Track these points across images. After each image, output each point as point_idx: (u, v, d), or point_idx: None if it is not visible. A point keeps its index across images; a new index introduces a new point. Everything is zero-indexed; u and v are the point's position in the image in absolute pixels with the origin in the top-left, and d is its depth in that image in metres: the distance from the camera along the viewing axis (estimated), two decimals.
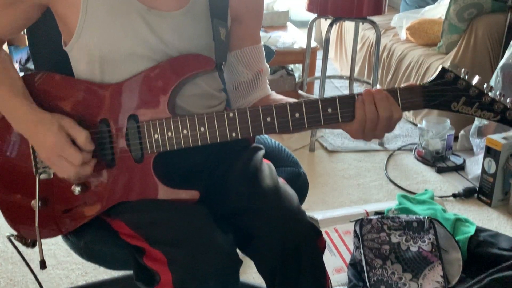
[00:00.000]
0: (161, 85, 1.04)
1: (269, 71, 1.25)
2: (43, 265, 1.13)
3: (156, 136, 1.03)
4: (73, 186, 1.07)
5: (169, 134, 1.03)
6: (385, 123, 0.99)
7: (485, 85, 0.96)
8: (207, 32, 1.10)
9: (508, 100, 0.95)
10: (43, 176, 1.09)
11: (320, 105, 1.00)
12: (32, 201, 1.10)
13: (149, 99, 1.04)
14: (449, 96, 0.97)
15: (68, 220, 1.11)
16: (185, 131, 1.03)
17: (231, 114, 1.01)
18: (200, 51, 1.08)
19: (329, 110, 1.00)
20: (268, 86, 1.24)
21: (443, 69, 0.97)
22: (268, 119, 1.01)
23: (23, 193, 1.12)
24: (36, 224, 1.08)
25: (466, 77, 0.96)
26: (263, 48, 1.23)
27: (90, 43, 1.04)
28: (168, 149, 1.04)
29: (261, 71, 1.21)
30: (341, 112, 1.00)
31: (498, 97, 0.95)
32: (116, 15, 1.03)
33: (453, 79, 0.96)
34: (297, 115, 1.00)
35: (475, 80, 0.96)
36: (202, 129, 1.02)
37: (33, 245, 1.17)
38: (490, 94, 0.95)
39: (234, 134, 1.02)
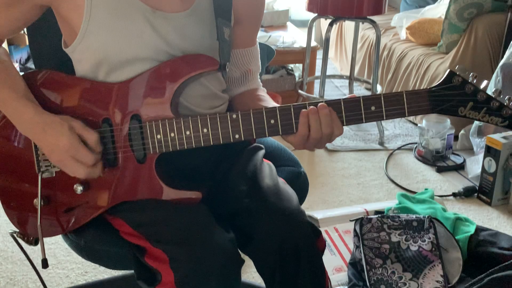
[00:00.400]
0: (164, 85, 1.04)
1: (260, 70, 1.26)
2: (45, 263, 1.13)
3: (158, 136, 1.03)
4: (75, 186, 1.07)
5: (172, 135, 1.03)
6: (326, 139, 1.00)
7: (493, 89, 0.94)
8: (212, 33, 1.10)
9: None
10: (45, 175, 1.09)
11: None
12: (35, 200, 1.10)
13: (152, 99, 1.04)
14: (456, 101, 0.95)
15: (70, 219, 1.11)
16: (188, 132, 1.02)
17: (234, 116, 1.01)
18: (204, 52, 1.08)
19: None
20: (259, 82, 1.25)
21: (450, 72, 0.95)
22: (272, 121, 1.00)
23: (26, 191, 1.12)
24: (38, 223, 1.08)
25: (475, 81, 0.94)
26: (258, 49, 1.24)
27: (94, 45, 1.04)
28: (170, 149, 1.04)
29: (249, 71, 1.22)
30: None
31: (507, 102, 0.94)
32: (121, 17, 1.02)
33: (461, 83, 0.94)
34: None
35: (483, 84, 0.94)
36: (205, 130, 1.02)
37: (35, 242, 1.18)
38: (498, 99, 0.94)
39: (237, 136, 1.02)
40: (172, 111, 1.04)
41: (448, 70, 0.95)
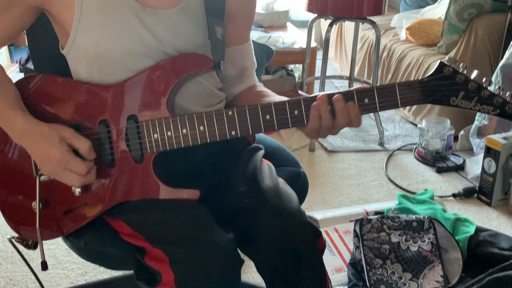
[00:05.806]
0: (160, 85, 1.04)
1: (256, 66, 1.26)
2: (44, 266, 1.12)
3: (155, 136, 1.04)
4: (73, 187, 1.07)
5: (169, 133, 1.03)
6: (340, 127, 1.01)
7: (484, 79, 0.96)
8: (203, 31, 1.10)
9: (508, 93, 0.96)
10: (43, 178, 1.09)
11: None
12: (33, 203, 1.09)
13: (148, 99, 1.04)
14: (448, 91, 0.97)
15: (69, 221, 1.11)
16: (184, 131, 1.03)
17: (230, 113, 1.01)
18: (196, 49, 1.08)
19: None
20: (255, 78, 1.26)
21: (441, 63, 0.97)
22: (267, 117, 1.01)
23: (24, 194, 1.12)
24: (37, 226, 1.08)
25: (465, 71, 0.96)
26: (252, 45, 1.24)
27: (86, 43, 1.04)
28: (167, 148, 1.04)
29: (245, 68, 1.22)
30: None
31: (497, 91, 0.96)
32: (111, 14, 1.03)
33: (452, 73, 0.96)
34: (296, 112, 1.01)
35: (474, 74, 0.96)
36: (201, 128, 1.02)
37: (34, 246, 1.17)
38: (489, 88, 0.96)
39: (233, 133, 1.02)
40: (168, 110, 1.04)
41: (439, 61, 0.98)
